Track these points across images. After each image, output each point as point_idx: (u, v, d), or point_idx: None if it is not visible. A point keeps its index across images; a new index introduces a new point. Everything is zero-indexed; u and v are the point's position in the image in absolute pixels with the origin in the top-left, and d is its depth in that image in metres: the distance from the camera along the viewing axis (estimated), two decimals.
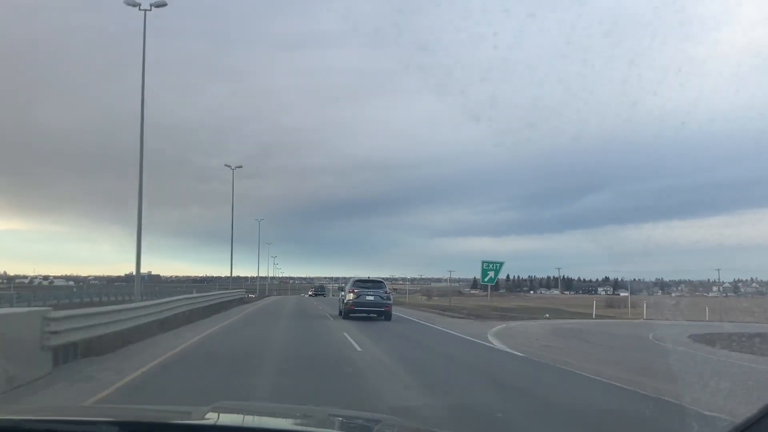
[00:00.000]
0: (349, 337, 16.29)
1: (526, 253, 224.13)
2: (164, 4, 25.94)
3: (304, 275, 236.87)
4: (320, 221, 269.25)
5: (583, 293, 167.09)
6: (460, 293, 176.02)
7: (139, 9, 25.57)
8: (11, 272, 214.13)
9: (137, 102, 24.66)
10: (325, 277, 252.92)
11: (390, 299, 25.50)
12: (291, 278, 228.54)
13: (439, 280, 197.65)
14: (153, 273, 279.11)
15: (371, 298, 24.24)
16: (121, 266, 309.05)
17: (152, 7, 25.66)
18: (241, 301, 41.98)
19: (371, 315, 24.49)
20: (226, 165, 50.56)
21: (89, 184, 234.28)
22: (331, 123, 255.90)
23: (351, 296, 24.29)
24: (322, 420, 3.26)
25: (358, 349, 13.77)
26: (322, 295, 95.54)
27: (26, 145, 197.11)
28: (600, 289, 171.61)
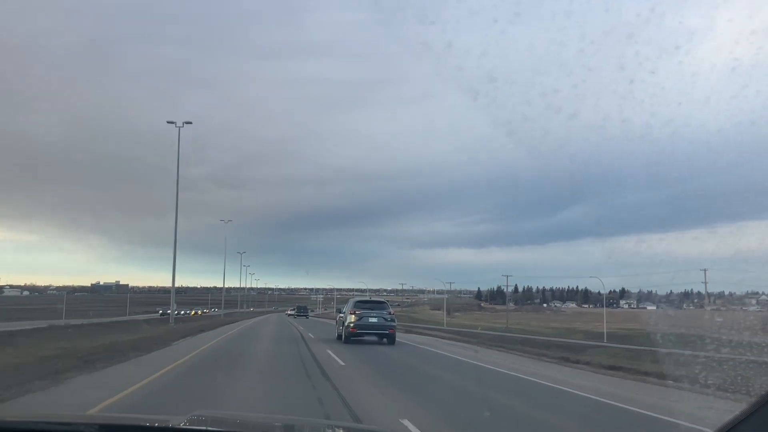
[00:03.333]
0: None
1: (507, 264, 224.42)
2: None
3: (284, 286, 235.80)
4: (300, 232, 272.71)
5: (601, 307, 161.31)
6: (480, 307, 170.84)
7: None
8: None
9: (113, 112, 26.09)
10: (305, 288, 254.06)
11: (394, 321, 25.77)
12: (270, 289, 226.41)
13: (422, 291, 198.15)
14: (122, 283, 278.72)
15: (374, 320, 24.71)
16: (94, 276, 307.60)
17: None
18: None
19: (373, 338, 25.20)
20: None
21: (64, 193, 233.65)
22: (313, 134, 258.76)
23: (352, 318, 24.61)
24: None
25: None
26: (305, 316, 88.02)
27: (1, 154, 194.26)
28: (622, 302, 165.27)
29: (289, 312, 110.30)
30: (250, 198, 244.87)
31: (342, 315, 26.82)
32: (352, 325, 24.61)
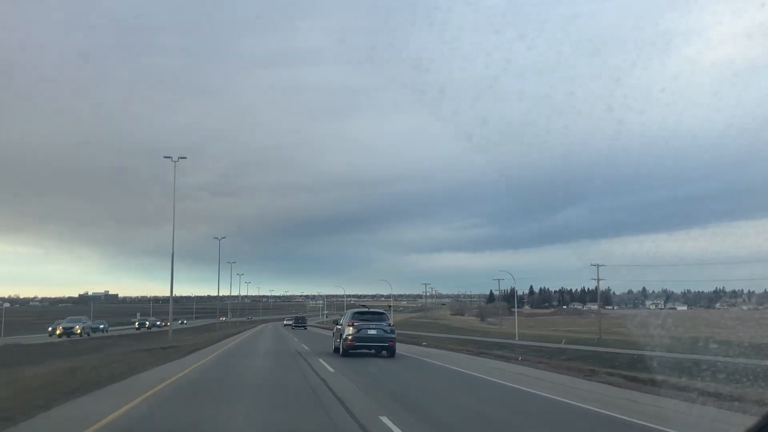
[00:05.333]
0: None
1: (503, 268, 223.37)
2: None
3: (279, 293, 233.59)
4: (296, 239, 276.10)
5: (626, 308, 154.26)
6: (510, 311, 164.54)
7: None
8: None
9: (106, 123, 26.47)
10: (301, 295, 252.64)
11: (394, 333, 25.88)
12: (265, 297, 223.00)
13: (420, 296, 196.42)
14: (111, 293, 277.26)
15: (373, 332, 24.74)
16: (85, 287, 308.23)
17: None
18: None
19: (371, 351, 25.12)
20: None
21: (57, 204, 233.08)
22: (307, 140, 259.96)
23: (351, 330, 24.70)
24: None
25: None
26: (303, 327, 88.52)
27: None
28: (648, 302, 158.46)
29: (286, 322, 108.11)
30: (245, 206, 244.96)
31: (339, 327, 26.92)
32: (350, 337, 24.63)
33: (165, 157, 44.52)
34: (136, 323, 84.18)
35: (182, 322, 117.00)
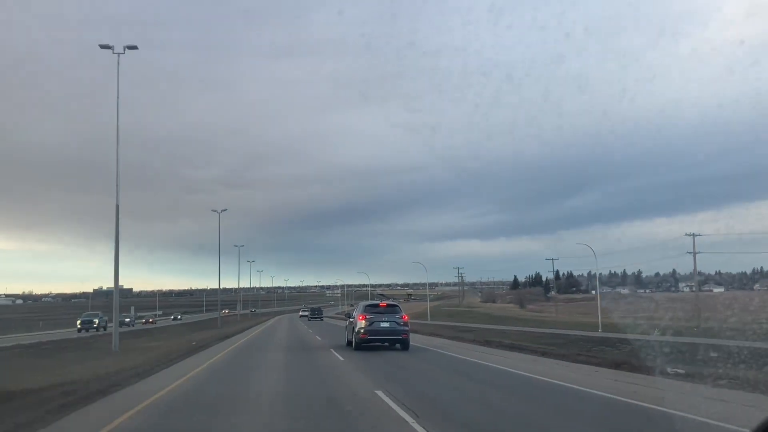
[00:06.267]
0: None
1: (516, 255, 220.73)
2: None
3: (294, 285, 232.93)
4: (309, 230, 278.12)
5: (664, 291, 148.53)
6: (548, 297, 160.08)
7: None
8: None
9: (120, 119, 27.34)
10: (317, 285, 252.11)
11: (407, 325, 25.88)
12: (280, 288, 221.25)
13: (437, 284, 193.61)
14: (125, 287, 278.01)
15: (386, 324, 24.92)
16: (100, 282, 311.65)
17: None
18: None
19: (385, 344, 25.15)
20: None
21: (74, 200, 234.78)
22: (318, 132, 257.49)
23: (363, 323, 24.78)
24: None
25: None
26: (319, 318, 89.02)
27: (8, 163, 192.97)
28: (682, 285, 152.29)
29: (301, 313, 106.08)
30: (258, 198, 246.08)
31: (352, 320, 26.94)
32: (362, 330, 24.65)
33: (102, 46, 28.94)
34: (78, 323, 61.03)
35: (176, 318, 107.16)
